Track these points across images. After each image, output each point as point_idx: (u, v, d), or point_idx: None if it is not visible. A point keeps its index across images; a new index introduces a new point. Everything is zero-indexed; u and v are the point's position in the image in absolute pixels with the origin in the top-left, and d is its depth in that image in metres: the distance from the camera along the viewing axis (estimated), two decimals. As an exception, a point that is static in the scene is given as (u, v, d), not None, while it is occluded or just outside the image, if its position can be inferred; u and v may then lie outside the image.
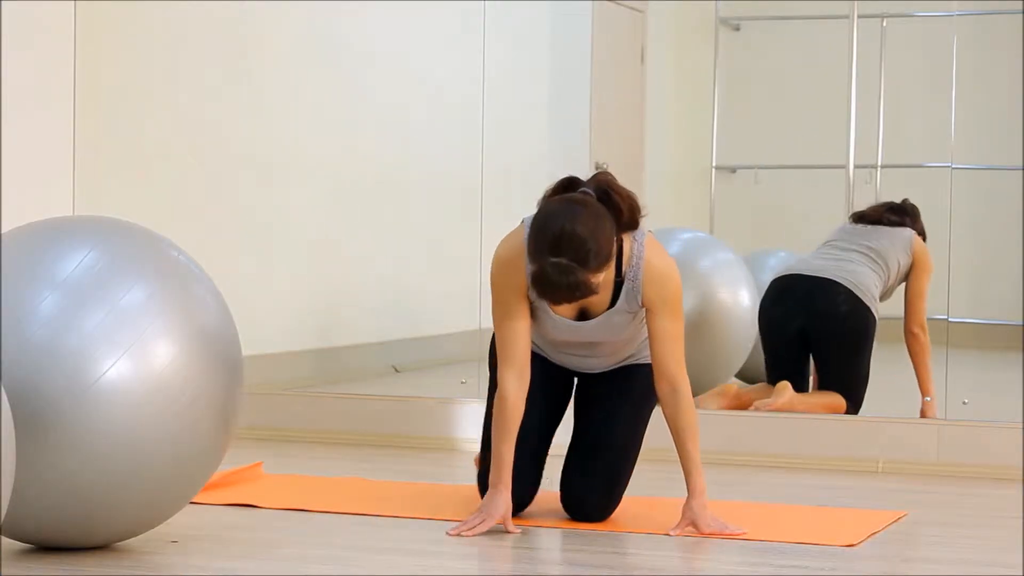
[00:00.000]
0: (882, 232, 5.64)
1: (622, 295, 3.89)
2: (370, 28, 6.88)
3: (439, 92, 7.01)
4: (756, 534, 3.91)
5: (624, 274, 3.87)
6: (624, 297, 3.89)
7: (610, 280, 3.85)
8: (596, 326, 3.96)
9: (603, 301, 3.90)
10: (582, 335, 4.00)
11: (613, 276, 3.85)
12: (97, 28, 5.90)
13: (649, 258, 3.87)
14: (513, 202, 6.98)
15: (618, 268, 3.85)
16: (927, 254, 5.64)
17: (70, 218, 3.69)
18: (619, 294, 3.89)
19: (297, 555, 3.65)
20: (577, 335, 4.00)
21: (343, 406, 5.77)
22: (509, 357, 3.90)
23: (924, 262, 5.63)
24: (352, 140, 6.77)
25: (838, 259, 5.60)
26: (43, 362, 3.35)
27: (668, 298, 3.87)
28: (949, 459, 5.12)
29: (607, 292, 3.87)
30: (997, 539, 4.03)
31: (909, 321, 5.59)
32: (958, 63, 6.03)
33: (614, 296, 3.90)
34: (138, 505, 3.50)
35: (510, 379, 3.88)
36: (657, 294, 3.86)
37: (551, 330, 3.99)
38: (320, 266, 6.70)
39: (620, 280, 3.87)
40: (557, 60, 7.39)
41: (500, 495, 3.89)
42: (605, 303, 3.91)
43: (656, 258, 3.88)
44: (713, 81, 7.05)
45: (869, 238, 5.64)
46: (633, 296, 3.88)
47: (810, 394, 5.58)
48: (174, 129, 6.14)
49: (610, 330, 3.97)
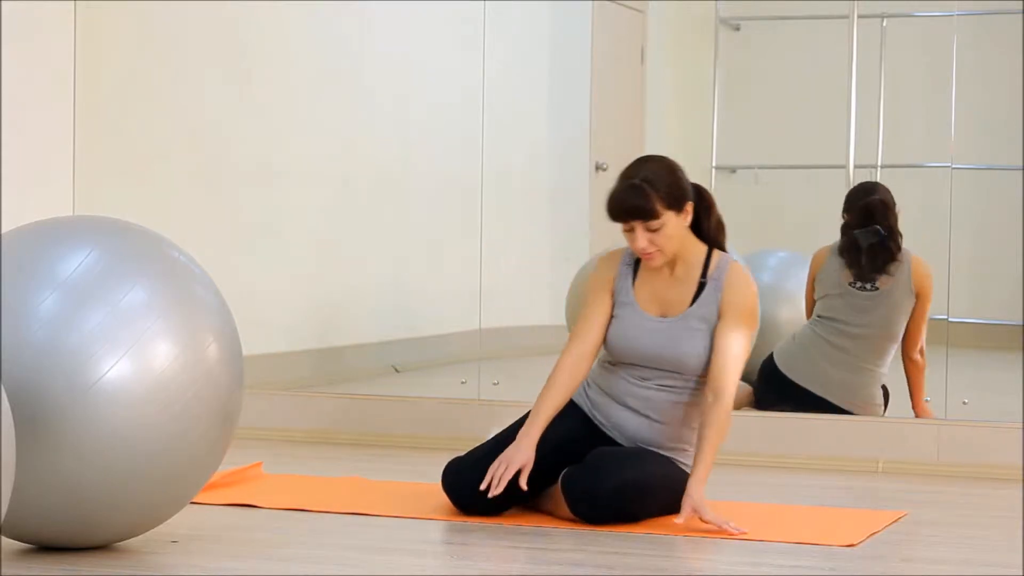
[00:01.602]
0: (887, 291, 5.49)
1: (703, 294, 4.10)
2: (370, 28, 6.87)
3: (439, 92, 7.01)
4: (756, 534, 3.91)
5: (708, 276, 4.12)
6: (705, 298, 4.10)
7: (693, 279, 4.12)
8: (673, 327, 4.10)
9: (685, 298, 4.11)
10: (658, 339, 4.10)
11: (698, 276, 4.11)
12: (97, 28, 5.91)
13: (735, 267, 4.14)
14: (513, 202, 6.99)
15: (704, 272, 4.12)
16: (928, 278, 5.51)
17: (70, 218, 3.69)
18: (700, 295, 4.10)
19: (297, 555, 3.65)
20: (654, 339, 4.11)
21: (343, 406, 5.77)
22: (578, 335, 4.16)
23: (926, 291, 5.51)
24: (352, 140, 6.77)
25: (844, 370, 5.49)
26: (43, 362, 3.35)
27: (743, 306, 4.09)
28: (949, 459, 5.12)
29: (690, 289, 4.11)
30: (997, 539, 4.03)
31: (910, 348, 5.49)
32: (958, 63, 6.03)
33: (695, 298, 4.11)
34: (138, 505, 3.50)
35: (572, 350, 4.14)
36: (735, 297, 4.09)
37: (630, 328, 4.12)
38: (320, 266, 6.70)
39: (703, 282, 4.11)
40: (557, 60, 7.38)
41: (524, 447, 4.03)
42: (686, 302, 4.11)
43: (741, 270, 4.15)
44: (713, 81, 7.05)
45: (876, 308, 5.49)
46: (713, 297, 4.09)
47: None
48: (174, 129, 6.14)
49: (686, 338, 4.09)
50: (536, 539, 3.90)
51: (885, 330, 5.50)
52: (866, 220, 5.55)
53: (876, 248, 5.52)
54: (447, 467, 4.19)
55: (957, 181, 5.89)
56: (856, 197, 5.69)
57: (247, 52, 6.35)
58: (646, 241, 4.06)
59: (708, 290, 4.11)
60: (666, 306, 4.15)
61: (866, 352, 5.51)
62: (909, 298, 5.50)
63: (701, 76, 7.14)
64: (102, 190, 5.90)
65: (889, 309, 5.50)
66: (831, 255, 5.62)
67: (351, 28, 6.79)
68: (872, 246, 5.51)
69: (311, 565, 3.55)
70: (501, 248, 6.65)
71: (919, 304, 5.50)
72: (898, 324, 5.50)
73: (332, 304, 6.75)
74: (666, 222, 4.05)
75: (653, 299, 4.16)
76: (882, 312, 5.50)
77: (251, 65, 6.36)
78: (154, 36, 6.09)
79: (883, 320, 5.50)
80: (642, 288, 4.18)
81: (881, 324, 5.50)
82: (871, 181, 5.91)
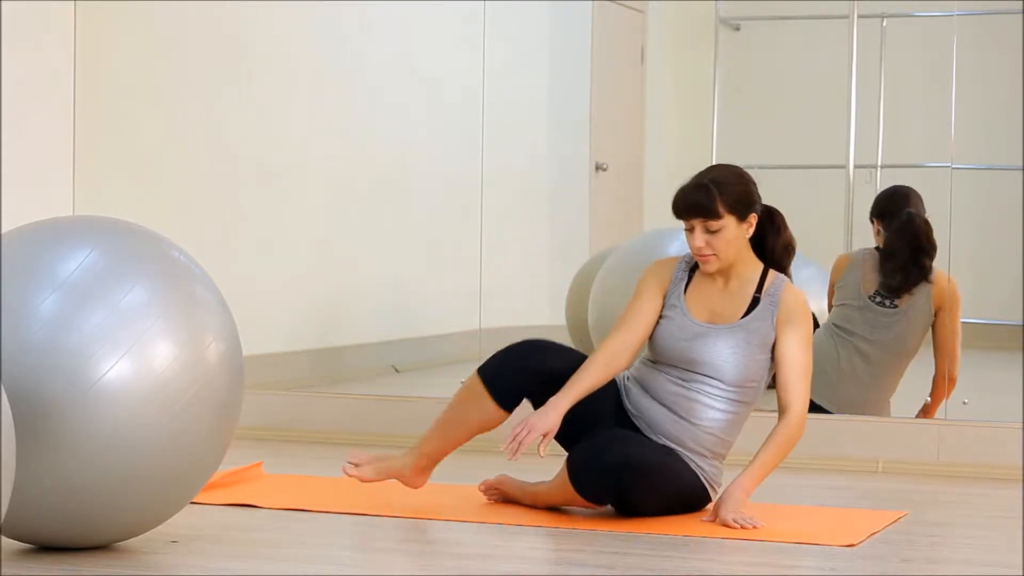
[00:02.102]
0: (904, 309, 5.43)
1: (757, 310, 4.12)
2: (370, 28, 6.88)
3: (439, 92, 7.01)
4: (756, 534, 3.91)
5: (763, 291, 4.14)
6: (759, 313, 4.12)
7: (747, 294, 4.14)
8: (720, 333, 4.12)
9: (736, 311, 4.13)
10: (702, 344, 4.11)
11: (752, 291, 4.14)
12: (97, 28, 5.91)
13: (790, 287, 4.16)
14: (513, 202, 6.99)
15: (759, 288, 4.14)
16: (949, 292, 5.41)
17: (70, 218, 3.69)
18: (753, 310, 4.12)
19: (297, 555, 3.65)
20: (697, 343, 4.11)
21: (343, 406, 5.77)
22: (625, 324, 4.17)
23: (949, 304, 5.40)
24: (352, 140, 6.77)
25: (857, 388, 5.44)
26: (43, 362, 3.35)
27: (802, 322, 4.11)
28: (949, 459, 5.12)
29: (743, 303, 4.13)
30: (997, 539, 4.03)
31: (946, 365, 5.40)
32: (958, 63, 6.03)
33: (748, 311, 4.13)
34: (138, 505, 3.50)
35: (616, 337, 4.14)
36: (793, 315, 4.11)
37: (676, 330, 4.14)
38: (320, 266, 6.70)
39: (757, 297, 4.13)
40: (557, 60, 7.38)
41: (551, 417, 4.03)
42: (738, 314, 4.13)
43: (797, 291, 4.16)
44: (713, 81, 7.05)
45: (893, 325, 5.44)
46: (768, 313, 4.11)
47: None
48: (174, 129, 6.14)
49: (729, 345, 4.11)
50: (536, 539, 3.90)
51: (899, 347, 5.46)
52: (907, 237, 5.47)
53: (910, 264, 5.45)
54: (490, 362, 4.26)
55: (957, 181, 5.89)
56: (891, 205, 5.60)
57: (247, 52, 6.36)
58: (703, 241, 4.09)
59: (762, 305, 4.13)
60: (716, 315, 4.16)
61: (880, 370, 5.47)
62: (927, 316, 5.44)
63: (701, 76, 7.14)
64: (102, 190, 5.90)
65: (905, 327, 5.45)
66: (852, 263, 5.57)
67: (351, 28, 6.79)
68: (907, 262, 5.43)
69: (311, 565, 3.55)
70: (501, 248, 6.65)
71: (942, 318, 5.40)
72: (912, 342, 5.45)
73: (332, 304, 6.75)
74: (726, 226, 4.08)
75: (704, 306, 4.17)
76: (898, 330, 5.46)
77: (251, 65, 6.36)
78: (154, 36, 6.09)
79: (898, 338, 5.45)
80: (693, 294, 4.19)
81: (896, 342, 5.45)
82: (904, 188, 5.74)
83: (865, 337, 5.49)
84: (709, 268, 4.12)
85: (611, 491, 4.00)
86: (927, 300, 5.44)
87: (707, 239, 4.08)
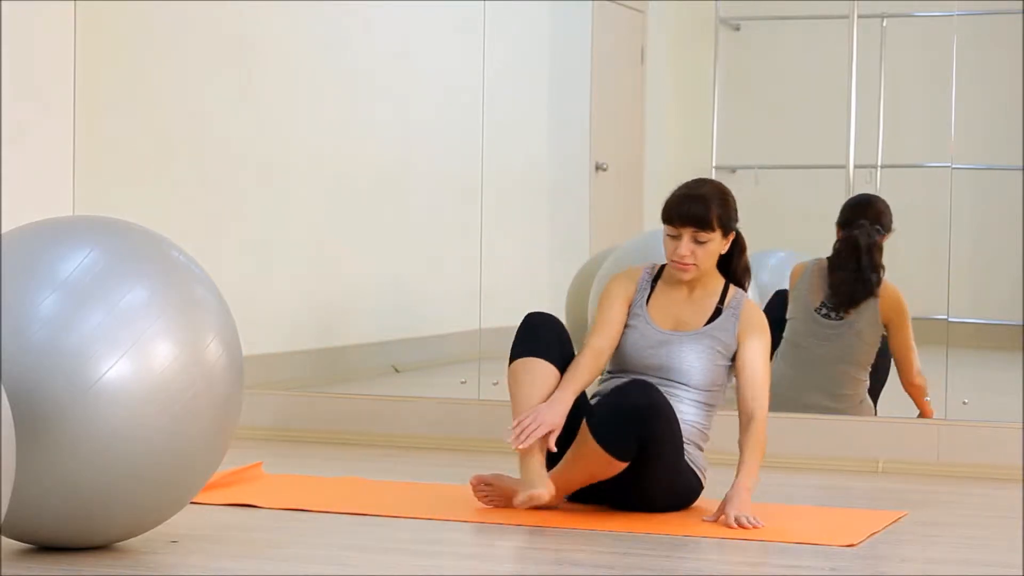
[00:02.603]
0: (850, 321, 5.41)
1: (719, 319, 4.25)
2: (370, 28, 6.87)
3: (439, 92, 7.01)
4: (756, 534, 3.92)
5: (726, 304, 4.28)
6: (721, 323, 4.25)
7: (710, 304, 4.27)
8: (684, 340, 4.23)
9: (699, 319, 4.26)
10: (667, 351, 4.22)
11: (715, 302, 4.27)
12: (97, 28, 5.90)
13: (750, 302, 4.32)
14: (513, 202, 6.99)
15: (721, 300, 4.28)
16: (896, 309, 5.40)
17: (70, 218, 3.69)
18: (715, 319, 4.25)
19: (297, 555, 3.65)
20: (663, 350, 4.22)
21: (343, 406, 5.77)
22: (598, 331, 4.28)
23: (898, 319, 5.40)
24: (352, 140, 6.77)
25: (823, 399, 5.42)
26: (43, 362, 3.35)
27: (760, 334, 4.25)
28: (949, 459, 5.12)
29: (706, 312, 4.27)
30: (997, 539, 4.03)
31: (905, 375, 5.42)
32: (958, 63, 6.03)
33: (710, 320, 4.26)
34: (138, 505, 3.50)
35: (592, 343, 4.25)
36: (753, 326, 4.25)
37: (640, 339, 4.24)
38: (320, 266, 6.70)
39: (720, 308, 4.27)
40: (557, 60, 7.38)
41: (558, 411, 4.12)
42: (701, 322, 4.26)
43: (755, 305, 4.33)
44: (713, 81, 7.05)
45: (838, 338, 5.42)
46: (731, 323, 4.24)
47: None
48: (174, 129, 6.14)
49: (693, 351, 4.22)
50: (536, 539, 3.90)
51: (849, 358, 5.43)
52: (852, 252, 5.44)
53: (855, 279, 5.42)
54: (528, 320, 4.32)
55: (957, 181, 5.89)
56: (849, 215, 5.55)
57: (247, 52, 6.35)
58: (689, 250, 4.21)
59: (725, 316, 4.26)
60: (681, 323, 4.28)
61: (835, 379, 5.44)
62: (874, 327, 5.41)
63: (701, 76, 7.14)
64: (102, 190, 5.90)
65: (853, 339, 5.42)
66: (803, 273, 5.53)
67: (351, 28, 6.79)
68: (852, 277, 5.41)
69: (311, 565, 3.55)
70: (501, 248, 6.65)
71: (894, 332, 5.40)
72: (862, 354, 5.42)
73: (332, 304, 6.75)
74: (712, 239, 4.23)
75: (667, 315, 4.30)
76: (846, 342, 5.43)
77: (251, 65, 6.36)
78: (154, 36, 6.09)
79: (847, 349, 5.43)
80: (656, 303, 4.31)
81: (845, 352, 5.43)
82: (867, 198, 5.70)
83: (810, 349, 5.46)
84: (686, 276, 4.24)
85: (636, 436, 4.01)
86: (874, 313, 5.42)
87: (693, 248, 4.21)
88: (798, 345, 5.48)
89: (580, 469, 4.10)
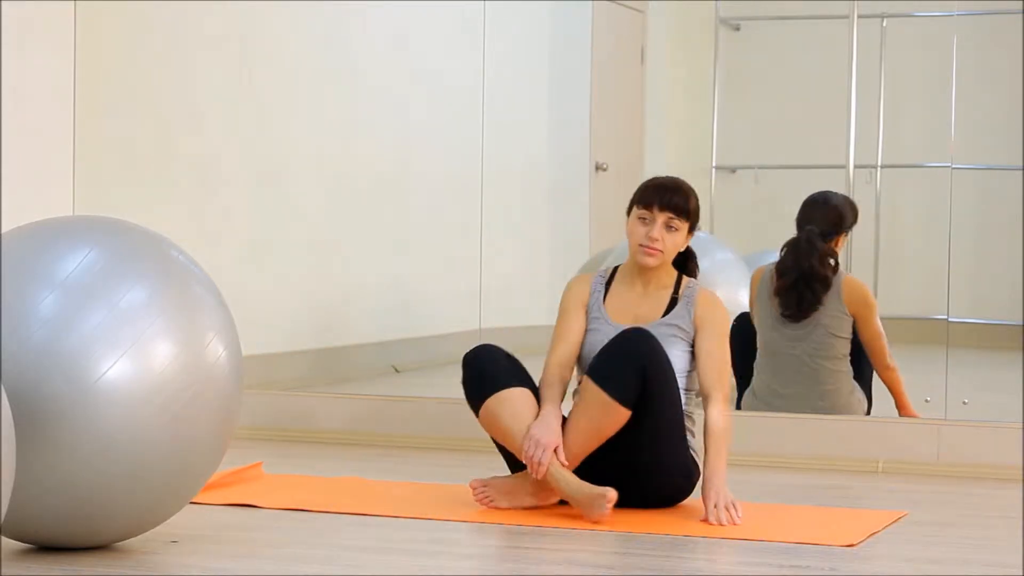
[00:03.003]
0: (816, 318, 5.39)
1: (676, 308, 4.33)
2: (370, 28, 6.88)
3: (439, 92, 7.01)
4: (756, 534, 3.92)
5: (680, 293, 4.35)
6: (677, 311, 4.32)
7: (665, 295, 4.35)
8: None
9: (656, 311, 4.33)
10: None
11: (670, 293, 4.35)
12: (97, 28, 5.90)
13: (704, 288, 4.40)
14: (513, 202, 6.99)
15: (676, 290, 4.35)
16: (862, 300, 5.39)
17: (70, 218, 3.69)
18: (672, 309, 4.33)
19: (297, 555, 3.65)
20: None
21: (343, 406, 5.77)
22: (560, 339, 4.35)
23: (865, 311, 5.39)
24: (352, 140, 6.77)
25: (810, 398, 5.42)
26: (43, 362, 3.35)
27: (717, 318, 4.33)
28: (949, 459, 5.12)
29: (662, 303, 4.34)
30: (997, 539, 4.03)
31: (878, 362, 5.41)
32: (958, 63, 6.03)
33: (667, 311, 4.33)
34: (138, 505, 3.50)
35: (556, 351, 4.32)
36: (708, 312, 4.32)
37: (604, 338, 4.27)
38: (320, 266, 6.70)
39: (675, 297, 4.35)
40: (557, 60, 7.39)
41: (553, 427, 4.17)
42: (658, 313, 4.33)
43: (710, 291, 4.39)
44: (713, 81, 7.05)
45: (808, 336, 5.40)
46: (686, 311, 4.32)
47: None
48: (174, 129, 6.14)
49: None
50: (536, 539, 3.90)
51: (824, 353, 5.40)
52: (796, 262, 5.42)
53: (801, 289, 5.39)
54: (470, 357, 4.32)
55: (957, 181, 5.89)
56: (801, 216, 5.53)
57: (247, 52, 6.36)
58: (660, 235, 4.27)
59: (680, 305, 4.34)
60: (639, 318, 4.35)
61: (815, 377, 5.42)
62: (842, 320, 5.39)
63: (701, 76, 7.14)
64: (102, 190, 5.90)
65: (822, 335, 5.40)
66: (761, 280, 5.51)
67: (351, 28, 6.79)
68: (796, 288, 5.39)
69: (311, 565, 3.55)
70: (501, 248, 6.65)
71: (863, 325, 5.38)
72: (836, 346, 5.39)
73: (332, 304, 6.75)
74: (682, 230, 4.31)
75: (625, 312, 4.36)
76: (816, 339, 5.41)
77: (251, 65, 6.36)
78: (154, 36, 6.09)
79: (819, 345, 5.41)
80: (612, 302, 4.39)
81: (816, 349, 5.41)
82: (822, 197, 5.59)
83: (786, 353, 5.45)
84: (651, 262, 4.30)
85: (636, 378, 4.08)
86: (839, 305, 5.39)
87: (663, 234, 4.28)
88: (774, 353, 5.46)
89: (585, 424, 4.13)
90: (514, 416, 4.18)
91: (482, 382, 4.25)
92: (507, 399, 4.20)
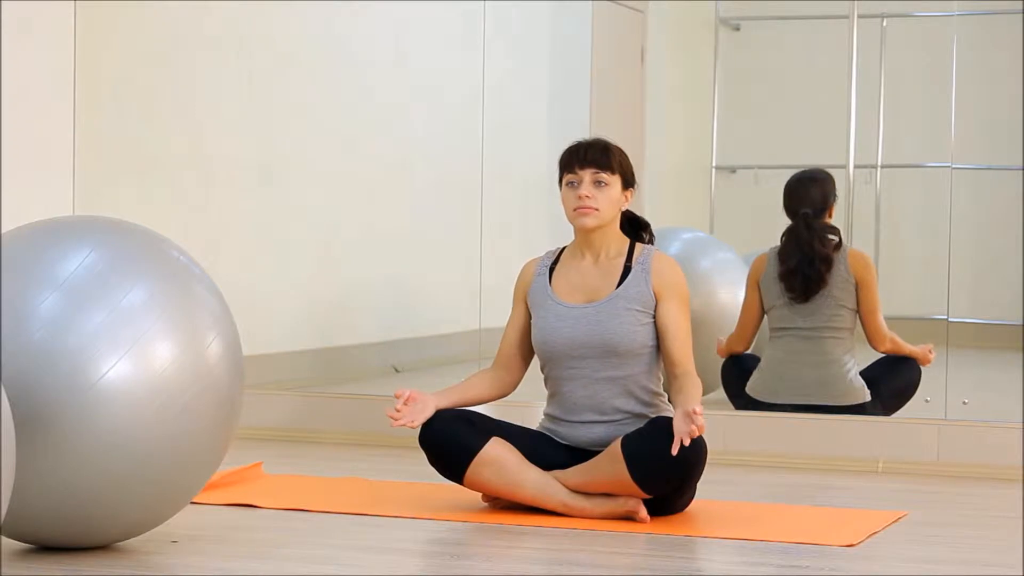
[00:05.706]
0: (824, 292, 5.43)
1: (630, 277, 4.14)
2: (370, 28, 6.88)
3: (439, 92, 7.01)
4: (756, 534, 3.92)
5: (634, 261, 4.16)
6: (632, 279, 4.14)
7: (618, 265, 4.17)
8: (601, 310, 4.13)
9: (611, 283, 4.15)
10: (584, 323, 4.13)
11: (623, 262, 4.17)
12: (97, 28, 5.91)
13: (659, 252, 4.21)
14: (513, 202, 6.99)
15: (629, 257, 4.17)
16: (866, 268, 5.43)
17: (70, 218, 3.69)
18: (626, 278, 4.15)
19: (297, 555, 3.65)
20: (579, 324, 4.14)
21: (343, 406, 5.77)
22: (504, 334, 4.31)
23: (866, 280, 5.42)
24: (353, 140, 6.78)
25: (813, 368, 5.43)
26: (43, 362, 3.35)
27: (676, 284, 4.15)
28: (949, 459, 5.12)
29: (615, 273, 4.16)
30: (997, 539, 4.03)
31: (877, 343, 5.45)
32: (958, 63, 6.04)
33: (621, 281, 4.15)
34: (138, 505, 3.50)
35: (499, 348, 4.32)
36: (666, 279, 4.14)
37: (554, 320, 4.16)
38: (320, 266, 6.70)
39: (629, 266, 4.16)
40: (557, 60, 7.39)
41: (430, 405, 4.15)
42: (613, 284, 4.15)
43: (666, 256, 4.20)
44: (713, 81, 7.05)
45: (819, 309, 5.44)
46: (643, 279, 4.13)
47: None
48: (174, 129, 6.14)
49: (613, 318, 4.11)
50: (536, 539, 3.90)
51: (837, 324, 5.44)
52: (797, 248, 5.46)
53: (804, 274, 5.43)
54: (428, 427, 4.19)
55: (957, 181, 5.90)
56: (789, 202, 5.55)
57: (247, 52, 6.36)
58: (589, 191, 4.13)
59: (635, 272, 4.15)
60: (591, 293, 4.18)
61: (824, 347, 5.46)
62: (849, 289, 5.42)
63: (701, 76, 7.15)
64: (102, 190, 5.90)
65: (832, 306, 5.44)
66: (768, 262, 5.54)
67: (351, 28, 6.80)
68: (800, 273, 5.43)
69: (311, 565, 3.55)
70: (501, 248, 6.65)
71: (863, 289, 5.42)
72: (844, 317, 5.43)
73: (332, 304, 6.75)
74: (612, 184, 4.14)
75: (575, 289, 4.20)
76: (825, 311, 5.45)
77: (251, 65, 6.37)
78: (154, 36, 6.09)
79: (828, 317, 5.45)
80: (560, 281, 4.23)
81: (827, 321, 5.45)
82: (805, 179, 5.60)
83: (800, 327, 5.49)
84: (588, 223, 4.15)
85: (671, 480, 3.99)
86: (845, 275, 5.42)
87: (593, 191, 4.14)
88: (785, 329, 5.51)
89: (600, 481, 4.04)
90: (500, 475, 4.09)
91: (448, 461, 4.13)
92: (491, 459, 4.09)
